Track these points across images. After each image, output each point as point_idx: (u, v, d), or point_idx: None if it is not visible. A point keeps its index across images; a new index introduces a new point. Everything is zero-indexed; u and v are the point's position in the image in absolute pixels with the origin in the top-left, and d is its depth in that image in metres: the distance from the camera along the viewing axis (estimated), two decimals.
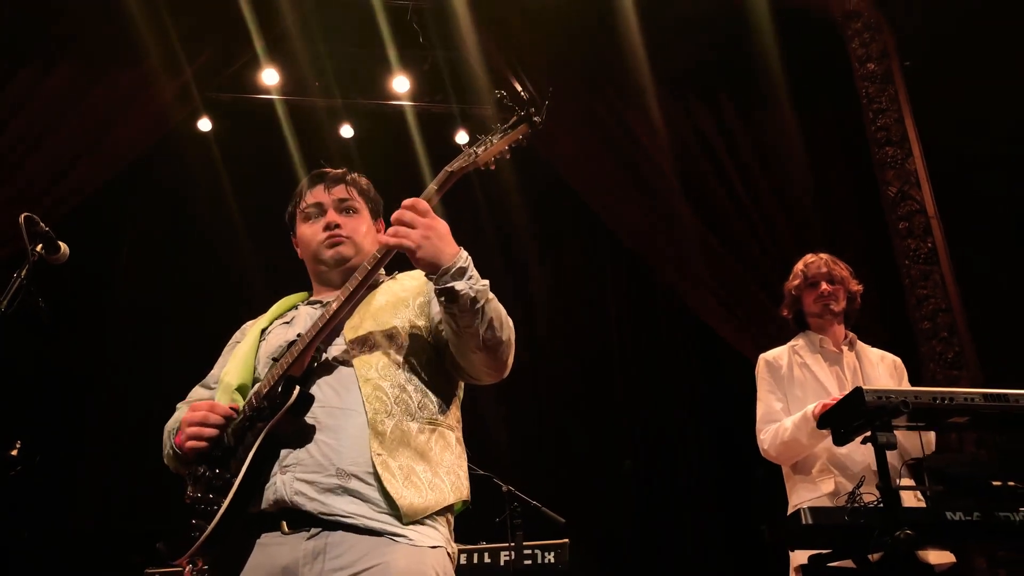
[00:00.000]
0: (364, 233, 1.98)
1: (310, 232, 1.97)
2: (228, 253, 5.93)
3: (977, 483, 2.33)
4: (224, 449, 1.71)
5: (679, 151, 4.77)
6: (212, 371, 2.03)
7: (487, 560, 3.06)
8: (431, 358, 1.83)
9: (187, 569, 1.73)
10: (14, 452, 4.68)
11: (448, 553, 1.70)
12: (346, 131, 6.27)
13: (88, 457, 5.37)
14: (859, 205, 4.77)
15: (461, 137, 6.29)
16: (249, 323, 2.09)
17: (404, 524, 1.60)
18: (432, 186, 1.73)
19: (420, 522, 1.64)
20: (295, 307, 2.03)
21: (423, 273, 1.67)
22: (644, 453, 5.50)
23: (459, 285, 1.61)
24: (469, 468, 3.01)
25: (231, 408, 1.76)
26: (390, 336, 1.80)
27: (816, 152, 4.84)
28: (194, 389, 2.03)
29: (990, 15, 4.64)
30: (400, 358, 1.79)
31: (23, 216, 1.73)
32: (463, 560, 3.05)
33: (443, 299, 1.65)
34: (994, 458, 3.31)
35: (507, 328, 1.74)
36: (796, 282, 3.15)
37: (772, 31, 4.72)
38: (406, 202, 1.66)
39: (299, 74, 5.97)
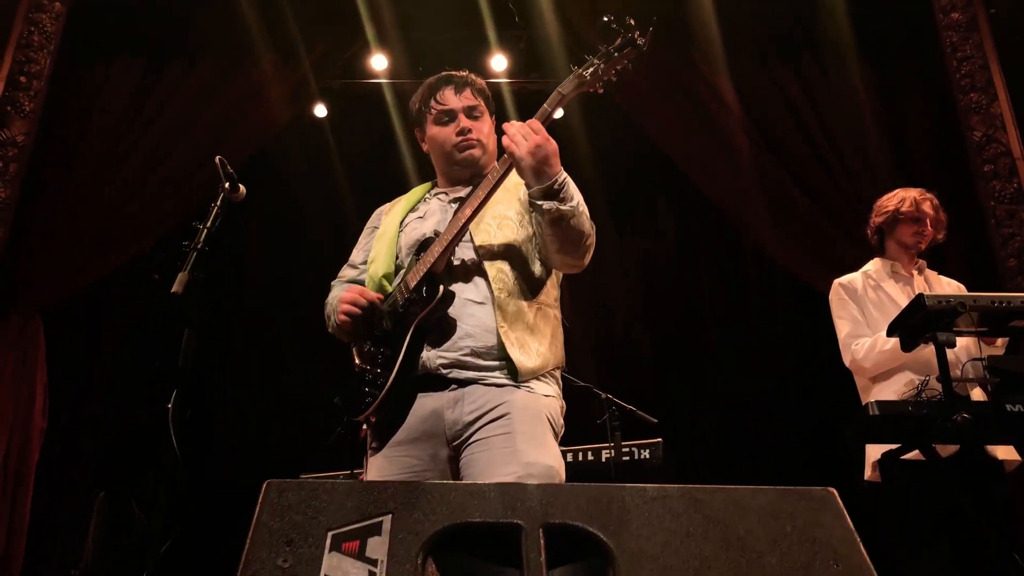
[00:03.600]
0: (488, 134, 2.27)
1: (443, 135, 2.26)
2: (338, 228, 6.47)
3: None
4: (383, 331, 2.13)
5: (761, 108, 5.00)
6: (354, 253, 2.43)
7: (590, 458, 3.46)
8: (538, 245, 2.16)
9: (364, 427, 2.13)
10: (169, 405, 5.32)
11: (560, 406, 2.09)
12: None
13: (222, 415, 5.99)
14: (940, 151, 4.88)
15: (556, 112, 6.62)
16: (384, 208, 2.44)
17: (519, 382, 1.99)
18: (545, 106, 2.00)
19: (536, 380, 2.03)
20: (423, 199, 2.35)
21: None
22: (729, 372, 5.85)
23: (546, 204, 1.93)
24: (570, 380, 3.42)
25: (379, 298, 2.15)
26: (508, 228, 2.14)
27: (896, 100, 4.98)
28: (343, 269, 2.44)
29: None
30: (515, 247, 2.13)
31: (218, 158, 2.22)
32: (569, 458, 3.46)
33: (532, 210, 2.01)
34: None
35: (587, 236, 2.05)
36: (904, 208, 3.28)
37: None
38: (528, 122, 1.95)
39: (405, 58, 6.43)
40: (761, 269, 5.92)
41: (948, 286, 3.31)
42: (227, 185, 2.25)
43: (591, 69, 1.96)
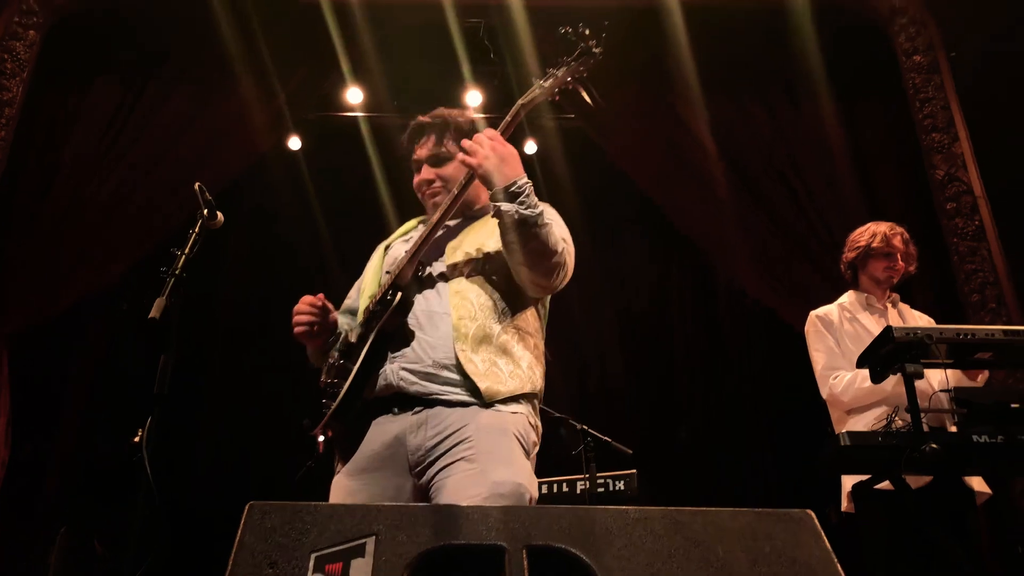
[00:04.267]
0: (454, 174, 2.23)
1: (416, 181, 2.33)
2: (315, 259, 6.48)
3: (1002, 408, 2.60)
4: (349, 344, 2.15)
5: (731, 143, 5.10)
6: (354, 287, 2.44)
7: (565, 489, 3.46)
8: None
9: (320, 439, 2.10)
10: (136, 439, 5.26)
11: (530, 422, 2.03)
12: None
13: (202, 440, 5.92)
14: (904, 187, 5.01)
15: (530, 147, 6.74)
16: (384, 243, 2.45)
17: (487, 404, 1.94)
18: (507, 118, 2.04)
19: (503, 401, 1.96)
20: (415, 227, 2.39)
21: None
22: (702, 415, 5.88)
23: (504, 206, 1.92)
24: (546, 412, 3.43)
25: (321, 296, 2.17)
26: (483, 253, 2.12)
27: (862, 138, 5.12)
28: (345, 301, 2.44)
29: None
30: (490, 271, 2.11)
31: (197, 184, 2.22)
32: (544, 489, 3.45)
33: (493, 215, 1.98)
34: None
35: (554, 253, 2.01)
36: (875, 244, 3.34)
37: (820, 30, 5.04)
38: (486, 131, 2.01)
39: (380, 92, 6.49)
40: (736, 302, 6.01)
41: (920, 319, 3.39)
42: (205, 212, 2.25)
43: (550, 80, 2.02)
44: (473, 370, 1.95)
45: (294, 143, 6.67)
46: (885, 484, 2.72)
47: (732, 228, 4.91)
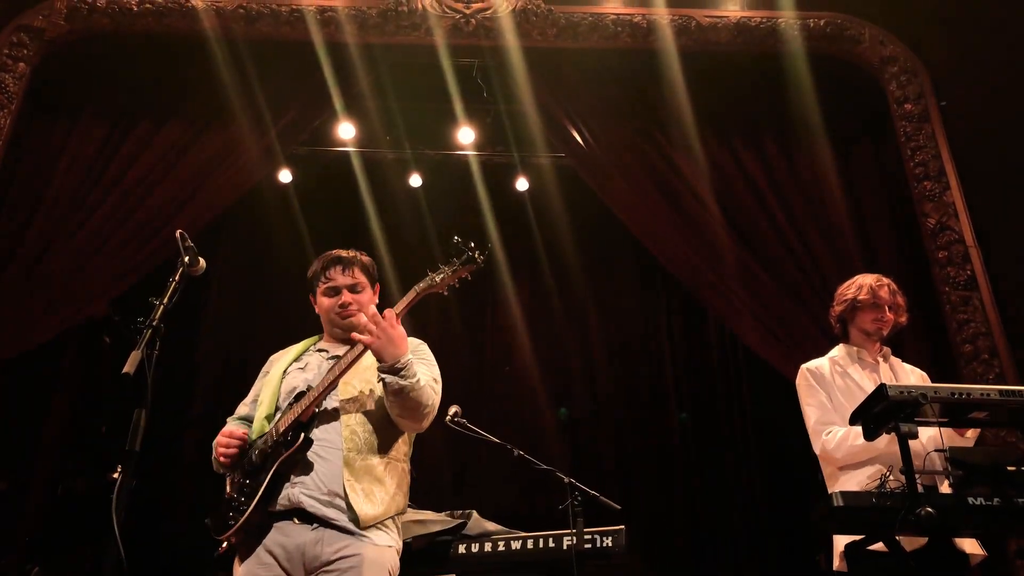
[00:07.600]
0: (366, 304, 2.74)
1: (329, 303, 2.75)
2: (303, 293, 6.41)
3: (998, 470, 2.54)
4: (253, 466, 2.51)
5: (724, 188, 5.06)
6: (250, 393, 2.83)
7: (551, 545, 3.35)
8: None
9: (224, 544, 2.46)
10: (115, 475, 5.15)
11: (396, 551, 2.49)
12: (415, 180, 6.78)
13: (179, 476, 5.78)
14: (897, 235, 4.98)
15: (521, 184, 6.74)
16: (275, 355, 2.88)
17: (362, 528, 2.37)
18: (402, 301, 2.50)
19: (376, 527, 2.41)
20: (307, 350, 2.80)
21: None
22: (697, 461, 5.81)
23: (388, 378, 2.40)
24: (533, 463, 3.42)
25: (244, 434, 2.58)
26: (369, 393, 2.58)
27: (855, 186, 5.10)
28: (238, 407, 2.83)
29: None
30: (372, 409, 2.56)
31: (178, 232, 2.17)
32: (530, 545, 3.36)
33: (379, 382, 2.44)
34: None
35: (426, 407, 2.50)
36: (861, 296, 3.30)
37: (811, 77, 5.08)
38: (384, 312, 2.43)
39: (373, 128, 6.49)
40: (729, 346, 5.98)
41: (912, 374, 3.33)
42: (186, 259, 2.21)
43: (440, 276, 2.48)
44: (355, 498, 2.39)
45: (284, 176, 6.66)
46: (879, 545, 2.66)
47: (723, 273, 4.86)
